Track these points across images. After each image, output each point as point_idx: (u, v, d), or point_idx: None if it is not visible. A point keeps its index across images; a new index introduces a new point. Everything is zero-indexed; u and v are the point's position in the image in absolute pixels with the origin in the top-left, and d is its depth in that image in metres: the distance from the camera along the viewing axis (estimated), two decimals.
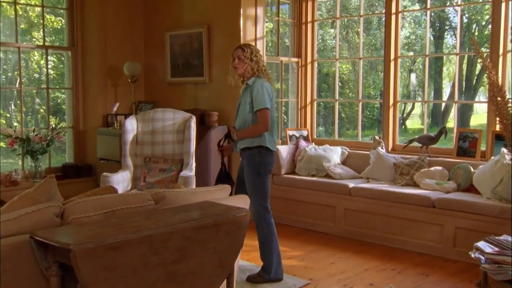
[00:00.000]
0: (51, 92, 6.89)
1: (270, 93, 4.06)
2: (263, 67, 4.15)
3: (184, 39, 6.48)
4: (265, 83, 4.09)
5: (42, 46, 6.65)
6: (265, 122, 3.98)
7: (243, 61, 4.12)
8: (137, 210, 2.90)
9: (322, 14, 10.12)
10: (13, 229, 2.47)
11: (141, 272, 2.47)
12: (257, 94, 4.00)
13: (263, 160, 4.06)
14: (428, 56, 6.12)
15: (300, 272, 4.40)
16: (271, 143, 4.09)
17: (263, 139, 4.03)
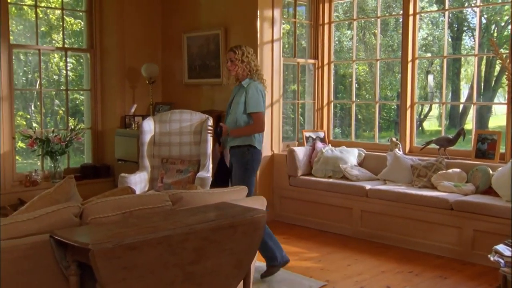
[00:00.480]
0: (70, 93, 6.97)
1: (263, 96, 4.29)
2: (255, 67, 4.30)
3: (201, 41, 6.51)
4: (259, 85, 4.28)
5: (61, 48, 6.73)
6: (261, 124, 4.23)
7: (235, 63, 4.29)
8: (155, 210, 2.92)
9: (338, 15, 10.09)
10: (33, 229, 2.51)
11: (159, 272, 2.49)
12: (253, 96, 4.20)
13: (252, 158, 4.26)
14: (446, 58, 6.08)
15: (317, 273, 4.39)
16: (259, 143, 4.31)
17: (252, 138, 4.25)
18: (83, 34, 6.86)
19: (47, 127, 6.57)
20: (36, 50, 6.44)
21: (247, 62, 4.28)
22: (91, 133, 6.82)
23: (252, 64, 4.28)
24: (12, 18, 6.13)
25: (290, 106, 6.95)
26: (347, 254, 4.94)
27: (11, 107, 5.99)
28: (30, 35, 6.98)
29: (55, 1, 7.12)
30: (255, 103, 4.21)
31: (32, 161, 7.05)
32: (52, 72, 7.64)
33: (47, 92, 6.95)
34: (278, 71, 6.15)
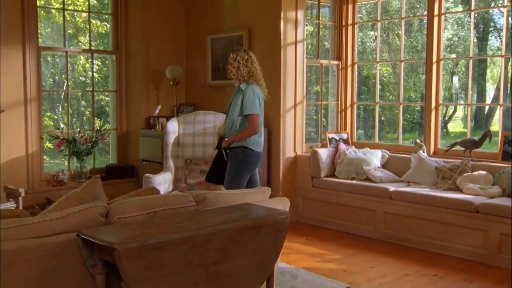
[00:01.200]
0: (96, 94, 7.08)
1: (260, 99, 4.40)
2: (246, 74, 4.42)
3: (225, 42, 6.55)
4: (256, 89, 4.40)
5: (88, 50, 6.84)
6: (254, 126, 4.33)
7: (230, 65, 4.48)
8: (179, 211, 2.95)
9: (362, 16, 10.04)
10: (60, 228, 2.56)
11: (183, 272, 2.52)
12: (248, 99, 4.32)
13: (245, 159, 4.37)
14: (472, 58, 6.00)
15: (340, 275, 4.38)
16: (255, 144, 4.41)
17: (246, 140, 4.35)
18: (109, 36, 6.96)
19: (74, 128, 6.69)
20: (64, 52, 6.56)
21: (237, 67, 4.42)
22: (116, 133, 6.91)
23: (243, 70, 4.41)
24: (40, 21, 6.25)
25: (313, 108, 6.95)
26: (371, 256, 4.91)
27: (39, 108, 6.11)
28: (58, 37, 7.10)
29: (82, 4, 7.24)
30: (251, 106, 4.32)
31: (59, 161, 7.18)
32: (78, 74, 7.77)
33: (73, 94, 7.07)
34: (301, 72, 6.15)
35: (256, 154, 4.45)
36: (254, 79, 4.45)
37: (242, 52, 4.50)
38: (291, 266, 4.51)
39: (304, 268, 4.48)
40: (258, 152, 4.47)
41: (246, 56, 4.45)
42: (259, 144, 4.46)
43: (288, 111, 6.07)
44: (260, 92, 4.45)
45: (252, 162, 4.44)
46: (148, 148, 6.45)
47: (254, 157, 4.44)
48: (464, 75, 12.35)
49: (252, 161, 4.43)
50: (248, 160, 4.40)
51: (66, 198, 2.97)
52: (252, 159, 4.42)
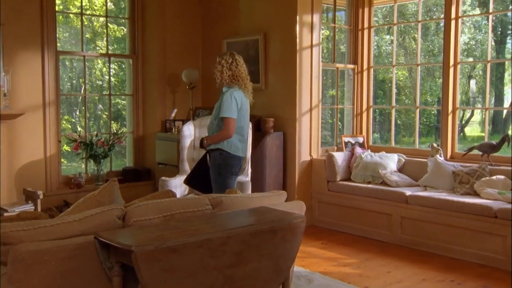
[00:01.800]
0: (112, 98, 7.14)
1: (239, 102, 4.35)
2: (227, 78, 4.42)
3: (240, 46, 6.56)
4: (236, 91, 4.36)
5: (105, 54, 6.91)
6: (228, 130, 4.29)
7: (215, 69, 4.51)
8: (195, 214, 2.97)
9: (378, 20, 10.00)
10: (78, 230, 2.59)
11: (199, 275, 2.53)
12: (225, 102, 4.31)
13: (224, 162, 4.37)
14: (490, 62, 5.95)
15: (355, 280, 4.35)
16: (233, 148, 4.38)
17: (223, 143, 4.35)
18: (126, 41, 7.02)
19: (91, 131, 6.75)
20: (81, 57, 6.63)
21: (221, 71, 4.43)
22: (133, 137, 6.96)
23: (226, 73, 4.41)
24: (59, 26, 6.33)
25: (329, 111, 6.93)
26: (387, 260, 4.88)
27: (57, 111, 6.18)
28: (75, 42, 7.19)
29: (99, 9, 7.32)
30: (227, 109, 4.29)
31: (76, 164, 7.25)
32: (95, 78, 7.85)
33: (90, 97, 7.15)
34: (317, 76, 6.14)
35: (235, 157, 4.41)
36: (237, 83, 4.42)
37: (227, 55, 4.50)
38: (307, 270, 4.50)
39: (320, 272, 4.46)
40: (238, 156, 4.44)
41: (230, 60, 4.45)
42: (238, 148, 4.43)
43: (304, 114, 6.07)
44: (243, 96, 4.42)
45: (233, 165, 4.41)
46: (164, 151, 6.48)
47: (233, 159, 4.40)
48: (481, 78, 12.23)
49: (232, 163, 4.40)
50: (228, 162, 4.38)
51: (84, 201, 3.00)
52: (231, 161, 4.39)
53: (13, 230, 2.43)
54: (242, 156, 4.52)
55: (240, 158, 4.49)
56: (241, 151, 4.48)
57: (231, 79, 4.42)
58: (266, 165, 5.90)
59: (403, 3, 8.01)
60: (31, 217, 2.85)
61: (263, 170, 5.89)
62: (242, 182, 5.03)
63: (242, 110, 4.41)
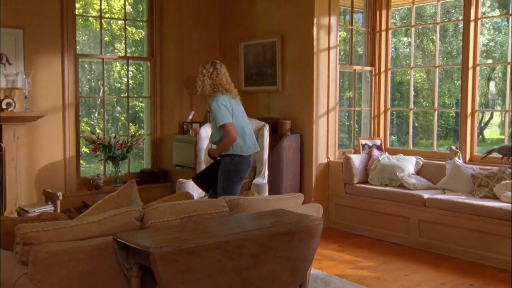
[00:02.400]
0: (130, 100, 7.20)
1: (228, 106, 4.40)
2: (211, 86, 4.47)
3: (257, 49, 6.58)
4: (220, 98, 4.42)
5: (123, 57, 6.97)
6: (230, 135, 4.35)
7: (197, 78, 4.58)
8: (212, 216, 2.98)
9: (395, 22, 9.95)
10: (97, 231, 2.62)
11: (216, 277, 2.54)
12: (215, 112, 4.39)
13: (235, 168, 4.44)
14: (510, 64, 5.88)
15: (373, 283, 4.33)
16: (243, 149, 4.45)
17: (234, 147, 4.41)
18: (144, 43, 7.08)
19: (109, 133, 6.82)
20: (100, 59, 6.70)
21: (202, 80, 4.51)
22: (150, 139, 7.01)
23: (207, 82, 4.47)
24: (78, 29, 6.40)
25: (345, 114, 6.91)
26: (404, 264, 4.85)
27: (77, 113, 6.25)
28: (94, 44, 7.26)
29: (118, 12, 7.39)
30: (219, 117, 4.36)
31: (94, 165, 7.32)
32: (114, 80, 7.92)
33: (109, 99, 7.21)
34: (334, 78, 6.13)
35: (246, 160, 4.50)
36: (219, 90, 4.48)
37: (208, 64, 4.56)
38: (324, 273, 4.49)
39: (337, 275, 4.45)
40: (248, 156, 4.52)
41: (211, 69, 4.52)
42: (249, 148, 4.52)
43: (321, 117, 6.06)
44: (229, 99, 4.48)
45: (242, 170, 4.50)
46: (182, 153, 6.52)
47: (244, 164, 4.50)
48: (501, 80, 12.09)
49: (242, 169, 4.50)
50: (238, 168, 4.46)
51: (102, 202, 3.04)
52: (241, 167, 4.48)
53: (34, 231, 2.47)
54: (254, 152, 4.60)
55: (249, 159, 4.56)
56: (252, 148, 4.57)
57: (212, 88, 4.49)
58: (283, 167, 5.90)
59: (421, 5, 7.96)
60: (51, 218, 2.89)
61: (280, 172, 5.89)
62: (259, 184, 5.04)
63: (235, 111, 4.49)
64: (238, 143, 4.43)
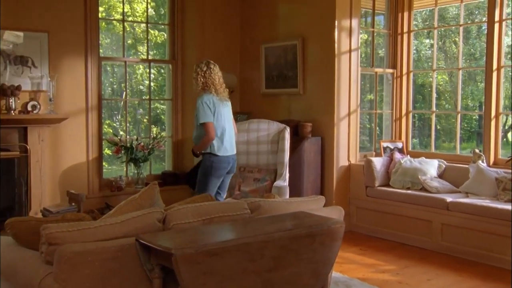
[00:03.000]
0: (151, 103, 7.26)
1: (211, 106, 4.63)
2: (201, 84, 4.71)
3: (279, 51, 6.59)
4: (205, 97, 4.65)
5: (145, 60, 7.04)
6: (208, 133, 4.60)
7: (192, 76, 4.83)
8: (234, 218, 2.99)
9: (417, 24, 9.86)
10: (120, 232, 2.65)
11: (238, 278, 2.55)
12: (198, 110, 4.64)
13: (212, 165, 4.70)
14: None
15: (394, 287, 4.30)
16: (219, 150, 4.69)
17: (211, 146, 4.67)
18: (166, 46, 7.14)
19: (131, 135, 6.88)
20: (122, 62, 6.77)
21: (196, 78, 4.74)
22: (172, 141, 7.05)
23: (200, 81, 4.71)
24: (101, 32, 6.48)
25: (366, 116, 6.87)
26: (427, 268, 4.80)
27: (99, 116, 6.32)
28: (116, 47, 7.34)
29: (141, 15, 7.46)
30: (202, 115, 4.61)
31: (116, 167, 7.39)
32: (136, 83, 7.99)
33: (130, 102, 7.28)
34: (355, 81, 6.10)
35: (223, 159, 4.72)
36: (209, 89, 4.69)
37: (203, 64, 4.78)
38: (345, 276, 4.47)
39: (358, 279, 4.43)
40: (226, 157, 4.74)
41: (205, 68, 4.74)
42: (226, 149, 4.74)
43: (342, 119, 6.04)
44: (215, 99, 4.67)
45: (220, 168, 4.73)
46: None
47: (222, 163, 4.73)
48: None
49: (220, 166, 4.73)
50: (216, 166, 4.71)
51: (125, 204, 3.07)
52: (219, 165, 4.72)
53: (59, 231, 2.50)
54: (230, 155, 4.79)
55: (229, 159, 4.78)
56: (229, 150, 4.77)
57: (203, 86, 4.71)
58: (304, 170, 5.89)
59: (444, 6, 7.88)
60: (75, 218, 2.93)
61: (301, 175, 5.88)
62: (279, 186, 5.04)
63: (218, 112, 4.70)
64: (215, 143, 4.67)
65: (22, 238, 2.88)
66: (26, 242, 2.85)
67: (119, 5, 7.28)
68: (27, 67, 5.74)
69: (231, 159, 4.82)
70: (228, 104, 4.89)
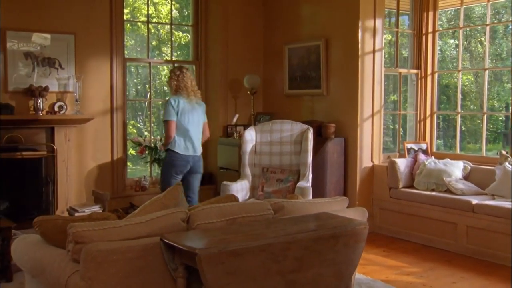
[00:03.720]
0: None
1: (175, 106, 4.92)
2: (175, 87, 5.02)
3: (302, 52, 6.58)
4: (172, 98, 4.96)
5: (169, 61, 7.10)
6: (167, 131, 4.93)
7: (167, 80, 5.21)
8: (257, 218, 3.00)
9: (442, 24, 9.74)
10: (145, 232, 2.68)
11: (261, 279, 2.55)
12: (164, 109, 5.00)
13: (170, 160, 5.01)
14: None
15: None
16: (179, 147, 4.97)
17: (172, 143, 4.97)
18: (190, 47, 7.19)
19: (154, 135, 6.94)
20: (147, 63, 6.84)
21: (168, 82, 5.11)
22: None
23: (172, 84, 5.03)
24: (125, 34, 6.56)
25: (390, 117, 6.82)
26: (452, 271, 4.74)
27: (124, 116, 6.40)
28: (141, 49, 7.42)
29: (165, 16, 7.53)
30: (165, 114, 4.95)
31: (140, 167, 7.46)
32: (160, 84, 8.06)
33: (154, 102, 7.35)
34: (379, 81, 6.07)
35: (181, 157, 4.99)
36: (181, 92, 4.99)
37: (176, 68, 5.12)
38: (368, 278, 4.44)
39: (382, 280, 4.40)
40: (185, 156, 5.00)
41: (178, 72, 5.06)
42: (184, 148, 4.99)
43: (366, 120, 6.00)
44: (182, 101, 4.95)
45: (176, 164, 4.99)
46: (226, 156, 6.58)
47: (179, 160, 4.98)
48: None
49: (177, 163, 4.99)
50: (172, 162, 4.99)
51: (150, 203, 3.10)
52: (176, 162, 4.98)
53: (85, 230, 2.54)
54: (190, 155, 5.05)
55: (188, 158, 5.03)
56: (189, 150, 5.03)
57: (176, 89, 5.01)
58: (327, 170, 5.87)
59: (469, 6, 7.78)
60: (101, 217, 2.97)
61: (324, 175, 5.87)
62: (302, 187, 5.04)
63: (184, 113, 4.97)
64: (177, 142, 4.95)
65: (50, 236, 2.93)
66: (54, 240, 2.90)
67: (144, 7, 7.36)
68: (54, 69, 5.85)
69: (191, 158, 5.05)
70: (200, 107, 5.16)
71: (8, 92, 5.64)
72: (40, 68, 5.78)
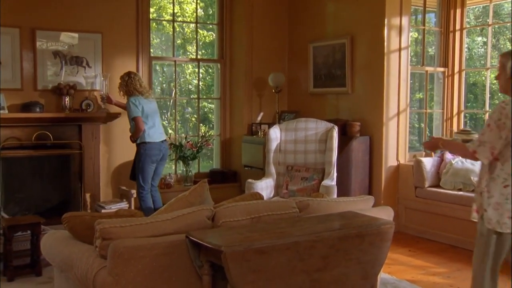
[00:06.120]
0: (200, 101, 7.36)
1: (136, 103, 5.34)
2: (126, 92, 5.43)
3: (327, 50, 6.55)
4: (132, 98, 5.36)
5: (194, 59, 7.14)
6: (138, 125, 5.33)
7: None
8: (282, 216, 3.01)
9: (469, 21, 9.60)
10: (171, 229, 2.71)
11: (287, 277, 2.56)
12: (127, 109, 5.40)
13: (144, 152, 5.40)
14: None
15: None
16: (152, 137, 5.41)
17: (142, 136, 5.37)
18: (214, 46, 7.22)
19: (179, 133, 6.99)
20: (172, 62, 6.89)
21: (119, 88, 5.49)
22: (220, 139, 7.13)
23: (123, 88, 5.44)
24: (151, 33, 6.62)
25: (415, 116, 6.74)
26: None
27: None
28: (166, 47, 7.48)
29: (190, 15, 7.57)
30: (130, 112, 5.35)
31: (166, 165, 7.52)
32: (184, 82, 8.11)
33: (179, 100, 7.40)
34: (405, 80, 6.00)
35: (154, 146, 5.42)
36: (132, 94, 5.38)
37: (125, 75, 5.46)
38: (393, 277, 4.41)
39: (407, 280, 4.36)
40: (156, 143, 5.43)
41: (126, 78, 5.43)
42: (154, 136, 5.41)
43: (391, 119, 5.95)
44: (140, 98, 5.38)
45: (152, 154, 5.43)
46: (250, 154, 6.59)
47: (153, 149, 5.42)
48: None
49: (152, 153, 5.42)
50: (148, 153, 5.40)
51: (176, 201, 3.13)
52: (151, 151, 5.41)
53: (112, 226, 2.58)
54: (160, 141, 5.48)
55: (160, 145, 5.47)
56: (158, 137, 5.47)
57: (126, 93, 5.43)
58: (352, 169, 5.84)
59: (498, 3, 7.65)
60: (128, 214, 3.01)
61: (349, 174, 5.83)
62: (327, 186, 5.02)
63: (145, 108, 5.40)
64: (147, 132, 5.36)
65: (78, 232, 2.98)
66: (82, 236, 2.95)
67: (169, 6, 7.41)
68: (81, 67, 5.94)
69: (162, 146, 5.49)
70: (154, 102, 5.62)
71: (37, 91, 5.75)
72: (68, 66, 5.88)
